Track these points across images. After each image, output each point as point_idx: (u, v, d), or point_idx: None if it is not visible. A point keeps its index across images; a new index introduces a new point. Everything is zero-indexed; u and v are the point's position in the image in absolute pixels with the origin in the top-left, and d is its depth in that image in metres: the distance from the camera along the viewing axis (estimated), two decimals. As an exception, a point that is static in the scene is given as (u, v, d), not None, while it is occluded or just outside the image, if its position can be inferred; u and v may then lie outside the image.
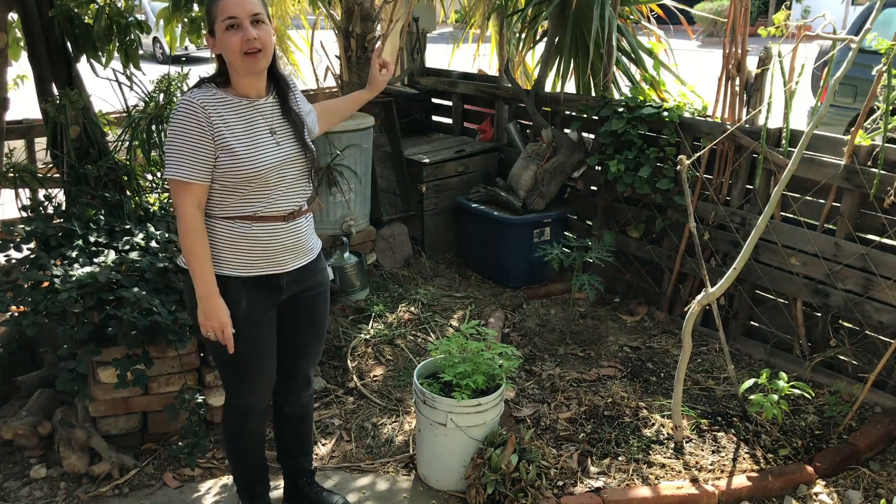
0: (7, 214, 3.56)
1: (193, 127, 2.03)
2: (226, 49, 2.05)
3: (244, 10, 2.03)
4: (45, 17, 3.38)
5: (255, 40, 2.02)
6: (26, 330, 2.73)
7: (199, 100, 2.05)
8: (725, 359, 3.13)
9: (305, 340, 2.44)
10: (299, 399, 2.54)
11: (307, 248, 2.29)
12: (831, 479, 2.80)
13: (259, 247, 2.16)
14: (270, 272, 2.20)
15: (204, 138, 2.04)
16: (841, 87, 5.98)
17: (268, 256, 2.18)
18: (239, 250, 2.15)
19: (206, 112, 2.04)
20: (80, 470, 2.79)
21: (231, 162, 2.06)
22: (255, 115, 2.14)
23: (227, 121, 2.07)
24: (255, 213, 2.13)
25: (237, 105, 2.11)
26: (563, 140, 4.39)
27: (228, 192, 2.11)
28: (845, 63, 2.69)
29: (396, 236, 4.72)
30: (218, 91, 2.10)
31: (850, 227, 3.24)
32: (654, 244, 4.11)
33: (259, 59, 2.06)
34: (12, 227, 3.04)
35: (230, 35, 2.03)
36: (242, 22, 2.02)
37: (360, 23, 4.66)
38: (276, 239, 2.18)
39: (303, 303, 2.35)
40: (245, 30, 2.02)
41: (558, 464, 2.84)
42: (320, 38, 5.16)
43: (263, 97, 2.17)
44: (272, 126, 2.16)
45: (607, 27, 4.11)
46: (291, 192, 2.20)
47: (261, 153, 2.10)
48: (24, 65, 3.80)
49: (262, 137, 2.13)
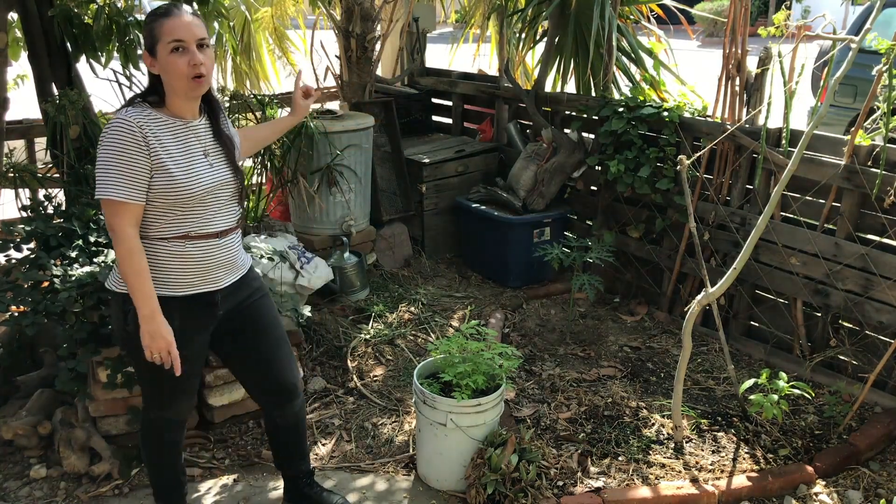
0: (7, 214, 3.56)
1: (130, 146, 1.99)
2: (170, 71, 2.03)
3: (191, 33, 2.02)
4: (45, 17, 3.38)
5: (201, 65, 2.02)
6: (26, 330, 2.73)
7: (135, 119, 2.01)
8: (725, 359, 3.13)
9: (267, 349, 2.40)
10: (289, 410, 2.50)
11: (238, 264, 2.29)
12: (831, 479, 2.80)
13: (194, 265, 2.15)
14: (206, 290, 2.19)
15: (141, 158, 2.00)
16: (841, 87, 5.98)
17: (203, 274, 2.17)
18: (174, 270, 2.13)
19: (143, 132, 2.01)
20: (80, 470, 2.79)
21: (166, 183, 2.04)
22: (190, 136, 2.13)
23: (163, 141, 2.05)
24: (188, 232, 2.12)
25: (172, 126, 2.10)
26: (563, 140, 4.39)
27: (162, 212, 2.09)
28: (845, 63, 2.69)
29: (396, 236, 4.72)
30: (153, 111, 2.08)
31: (850, 227, 3.24)
32: (654, 244, 4.11)
33: (203, 84, 2.07)
34: (12, 227, 3.04)
35: (176, 57, 2.01)
36: (189, 45, 2.01)
37: (360, 23, 4.66)
38: (210, 257, 2.17)
39: (245, 314, 2.34)
40: (192, 54, 2.02)
41: (558, 464, 2.84)
42: (320, 38, 5.16)
43: (197, 119, 2.17)
44: (206, 148, 2.16)
45: (607, 27, 4.11)
46: (223, 212, 2.20)
47: (196, 175, 2.09)
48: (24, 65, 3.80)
49: (197, 159, 2.12)
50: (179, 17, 2.03)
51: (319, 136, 4.12)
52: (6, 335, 3.25)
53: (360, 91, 4.81)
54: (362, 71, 4.79)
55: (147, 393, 2.35)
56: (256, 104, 4.12)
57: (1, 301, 2.80)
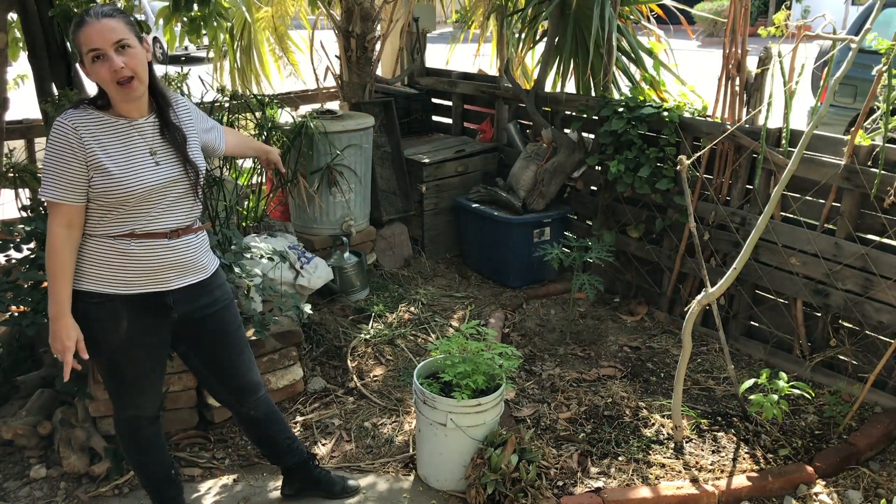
0: (7, 214, 3.56)
1: (64, 149, 2.01)
2: (97, 80, 2.03)
3: (105, 39, 1.98)
4: (45, 17, 3.38)
5: (123, 69, 1.99)
6: (26, 330, 2.74)
7: (72, 121, 2.02)
8: (725, 359, 3.13)
9: (227, 357, 2.39)
10: (258, 401, 2.50)
11: (196, 266, 2.24)
12: (831, 479, 2.80)
13: (139, 264, 2.13)
14: (153, 290, 2.17)
15: (75, 160, 2.01)
16: (841, 87, 5.98)
17: (148, 274, 2.15)
18: (119, 268, 2.12)
19: (78, 133, 2.01)
20: (80, 470, 2.79)
21: (106, 183, 2.03)
22: (134, 135, 2.11)
23: (102, 142, 2.04)
24: (132, 230, 2.11)
25: (114, 125, 2.08)
26: (563, 140, 4.39)
27: (105, 211, 2.08)
28: (845, 63, 2.68)
29: (396, 236, 4.72)
30: (95, 112, 2.07)
31: (850, 227, 3.24)
32: (654, 244, 4.11)
33: (134, 86, 2.03)
34: (12, 227, 3.04)
35: (98, 66, 1.99)
36: (106, 52, 1.98)
37: (360, 23, 4.67)
38: (158, 256, 2.15)
39: (204, 322, 2.31)
40: (110, 60, 1.98)
41: (558, 464, 2.84)
42: (320, 38, 5.16)
43: (145, 116, 2.14)
44: (152, 146, 2.13)
45: (607, 27, 4.11)
46: (174, 211, 2.17)
47: (136, 174, 2.07)
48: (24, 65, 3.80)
49: (140, 158, 2.10)
50: (91, 24, 1.98)
51: (319, 136, 4.12)
52: (6, 335, 3.25)
53: (360, 91, 4.81)
54: (362, 71, 4.79)
55: (111, 392, 2.35)
56: (256, 104, 4.12)
57: (1, 301, 2.80)
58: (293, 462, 2.64)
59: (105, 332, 2.15)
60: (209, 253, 2.33)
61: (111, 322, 2.14)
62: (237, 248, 3.31)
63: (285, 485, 2.72)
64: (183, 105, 2.28)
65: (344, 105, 4.97)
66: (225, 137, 2.49)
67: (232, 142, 2.57)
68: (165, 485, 2.49)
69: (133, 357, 2.21)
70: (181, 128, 2.21)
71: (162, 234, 2.14)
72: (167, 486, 2.50)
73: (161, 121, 2.16)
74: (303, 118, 4.17)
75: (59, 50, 3.47)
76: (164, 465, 2.48)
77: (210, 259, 2.33)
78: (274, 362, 3.20)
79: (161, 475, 2.48)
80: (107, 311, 2.13)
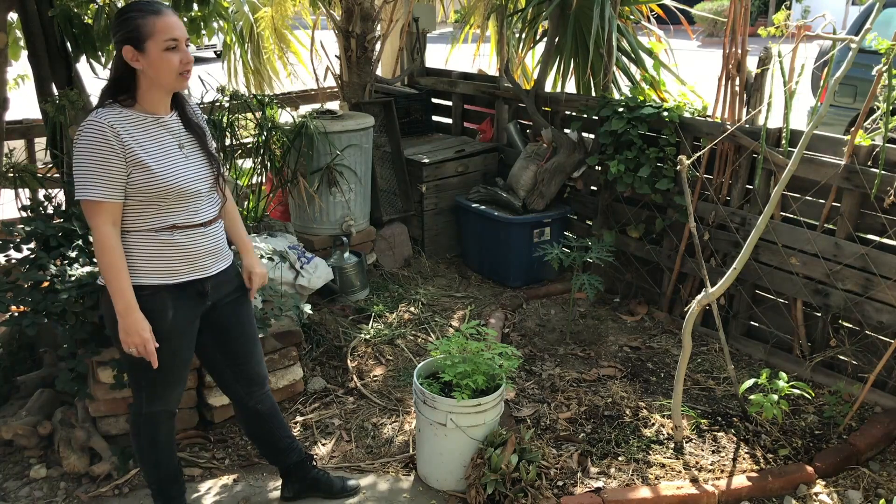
0: (7, 214, 3.56)
1: (104, 146, 2.03)
2: (161, 68, 2.07)
3: (183, 32, 2.10)
4: (45, 17, 3.38)
5: (191, 62, 2.12)
6: (26, 330, 2.74)
7: (107, 119, 2.05)
8: (725, 359, 3.13)
9: (244, 346, 2.45)
10: (263, 395, 2.55)
11: (224, 251, 2.35)
12: (831, 479, 2.80)
13: (183, 253, 2.19)
14: (196, 277, 2.24)
15: (115, 157, 2.04)
16: (841, 87, 5.98)
17: (192, 262, 2.22)
18: (164, 259, 2.17)
19: (115, 130, 2.04)
20: (80, 470, 2.79)
21: (146, 178, 2.08)
22: (162, 130, 2.17)
23: (137, 138, 2.09)
24: (175, 223, 2.17)
25: (144, 122, 2.13)
26: (563, 140, 4.39)
27: (146, 206, 2.12)
28: (845, 63, 2.68)
29: (396, 236, 4.72)
30: (124, 109, 2.11)
31: (850, 227, 3.24)
32: (654, 244, 4.11)
33: (188, 78, 2.15)
34: (12, 227, 3.04)
35: (171, 54, 2.07)
36: (181, 44, 2.09)
37: (360, 23, 4.67)
38: (199, 244, 2.22)
39: (228, 309, 2.39)
40: (184, 52, 2.10)
41: (558, 464, 2.84)
42: (320, 38, 5.16)
43: (168, 113, 2.21)
44: (179, 140, 2.20)
45: (607, 27, 4.11)
46: (206, 202, 2.25)
47: (173, 167, 2.14)
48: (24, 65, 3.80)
49: (172, 152, 2.16)
50: (171, 15, 2.08)
51: (319, 136, 4.12)
52: (6, 335, 3.25)
53: (360, 91, 4.81)
54: (362, 71, 4.79)
55: (137, 387, 2.35)
56: (256, 104, 4.12)
57: (1, 301, 2.80)
58: (292, 461, 2.65)
59: (153, 323, 2.17)
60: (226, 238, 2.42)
61: (160, 313, 2.18)
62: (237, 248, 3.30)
63: (284, 487, 2.72)
64: (194, 105, 2.36)
65: (344, 105, 4.97)
66: None
67: None
68: (171, 484, 2.50)
69: (174, 347, 2.25)
70: (200, 123, 2.30)
71: (200, 224, 2.22)
72: (172, 484, 2.51)
73: (182, 115, 2.24)
74: (303, 118, 4.17)
75: (59, 50, 3.47)
76: (174, 464, 2.51)
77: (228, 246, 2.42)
78: (274, 362, 3.20)
79: (170, 474, 2.50)
80: (154, 302, 2.17)
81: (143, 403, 2.36)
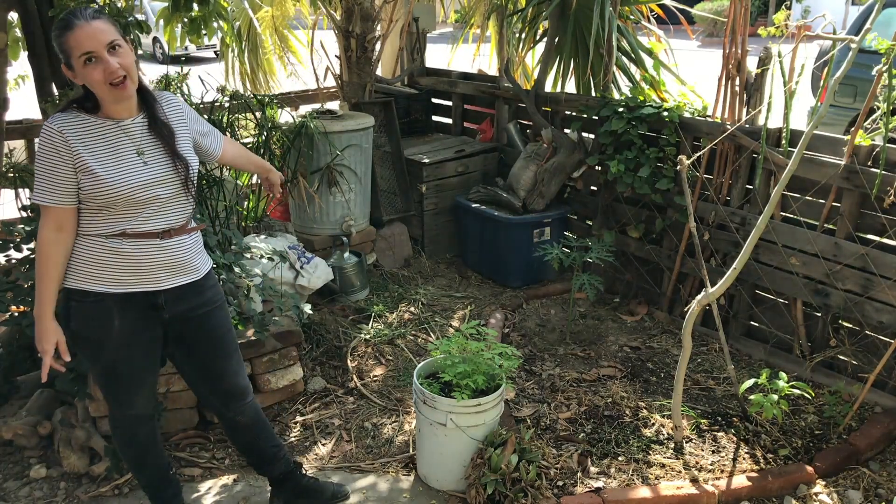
0: (7, 214, 3.56)
1: (52, 152, 2.02)
2: (89, 82, 2.02)
3: (98, 41, 1.97)
4: (45, 17, 3.38)
5: (118, 70, 1.99)
6: (26, 330, 2.73)
7: (58, 125, 2.02)
8: (725, 359, 3.13)
9: (214, 360, 2.38)
10: (245, 407, 2.47)
11: (188, 266, 2.23)
12: (831, 479, 2.80)
13: (130, 263, 2.13)
14: (143, 289, 2.16)
15: (62, 163, 2.02)
16: (841, 87, 5.98)
17: (139, 273, 2.14)
18: (110, 266, 2.12)
19: (64, 136, 2.01)
20: (80, 470, 2.79)
21: (93, 184, 2.03)
22: (121, 136, 2.10)
23: (88, 144, 2.04)
24: (123, 230, 2.10)
25: (101, 127, 2.08)
26: (563, 140, 4.39)
27: (95, 211, 2.09)
28: (845, 63, 2.68)
29: (396, 236, 4.71)
30: (83, 115, 2.07)
31: (850, 227, 3.24)
32: (654, 244, 4.11)
33: (127, 86, 2.04)
34: (12, 227, 3.04)
35: (91, 69, 1.98)
36: (100, 54, 1.98)
37: (360, 23, 4.67)
38: (149, 256, 2.14)
39: (194, 324, 2.30)
40: (105, 61, 1.98)
41: (558, 464, 2.84)
42: (320, 38, 5.16)
43: (133, 116, 2.13)
44: (140, 146, 2.12)
45: (607, 27, 4.11)
46: (165, 211, 2.16)
47: (124, 175, 2.06)
48: (24, 65, 3.80)
49: (127, 158, 2.09)
50: (82, 27, 1.97)
51: (319, 136, 4.12)
52: (6, 335, 3.25)
53: (360, 91, 4.81)
54: (362, 71, 4.79)
55: (104, 392, 2.35)
56: (256, 104, 4.12)
57: (1, 301, 2.80)
58: (280, 471, 2.60)
59: (98, 329, 2.15)
60: (202, 254, 2.32)
61: (104, 320, 2.14)
62: (237, 248, 3.31)
63: (274, 496, 2.66)
64: (173, 102, 2.26)
65: (344, 105, 4.97)
66: (223, 146, 2.45)
67: (231, 151, 2.51)
68: (163, 485, 2.49)
69: (126, 355, 2.21)
70: (168, 123, 2.18)
71: (154, 234, 2.14)
72: (165, 485, 2.49)
73: (149, 118, 2.15)
74: (303, 118, 4.17)
75: (59, 50, 3.47)
76: (161, 466, 2.48)
77: (203, 260, 2.31)
78: (274, 362, 3.20)
79: (158, 475, 2.47)
80: (99, 309, 2.14)
81: (113, 408, 2.36)
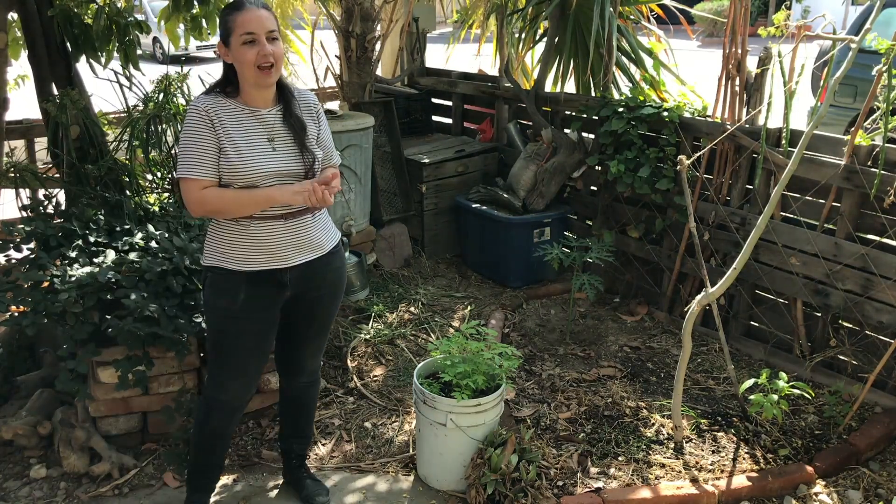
0: (7, 214, 3.56)
1: (199, 126, 2.16)
2: (240, 61, 2.16)
3: (262, 26, 2.15)
4: (45, 17, 3.38)
5: (269, 55, 2.15)
6: (26, 330, 2.73)
7: (203, 104, 2.19)
8: (725, 359, 3.13)
9: (305, 339, 2.53)
10: (304, 386, 2.64)
11: (313, 243, 2.35)
12: (831, 479, 2.80)
13: (258, 243, 2.25)
14: (271, 267, 2.27)
15: (209, 139, 2.16)
16: (841, 87, 5.98)
17: (267, 252, 2.26)
18: (239, 246, 2.25)
19: (209, 115, 2.17)
20: (80, 470, 2.79)
21: (226, 166, 2.18)
22: (255, 123, 2.24)
23: (226, 126, 2.19)
24: (252, 213, 2.22)
25: (237, 112, 2.22)
26: (563, 140, 4.39)
27: None
28: (845, 63, 2.69)
29: (396, 236, 4.72)
30: (223, 99, 2.22)
31: (850, 227, 3.24)
32: (654, 244, 4.11)
33: (271, 73, 2.19)
34: (12, 227, 3.04)
35: (246, 49, 2.14)
36: (259, 38, 2.14)
37: (360, 23, 4.66)
38: (275, 236, 2.26)
39: (311, 304, 2.44)
40: (262, 45, 2.14)
41: (558, 464, 2.84)
42: (320, 38, 5.16)
43: (269, 107, 2.27)
44: (271, 134, 2.25)
45: (607, 27, 4.11)
46: None
47: (253, 160, 2.19)
48: (24, 65, 3.79)
49: (259, 144, 2.22)
50: (251, 9, 2.15)
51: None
52: (6, 335, 3.25)
53: (360, 91, 4.81)
54: (362, 71, 4.79)
55: (210, 367, 2.45)
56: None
57: (1, 301, 2.80)
58: (293, 452, 2.73)
59: (225, 298, 2.27)
60: (327, 230, 2.42)
61: (231, 293, 2.26)
62: None
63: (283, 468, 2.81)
64: (310, 103, 2.39)
65: (344, 105, 4.96)
66: None
67: None
68: (211, 471, 2.57)
69: (241, 332, 2.31)
70: (301, 118, 2.32)
71: (278, 216, 2.25)
72: (212, 472, 2.57)
73: (285, 110, 2.28)
74: None
75: (59, 50, 3.47)
76: (220, 459, 2.57)
77: (328, 236, 2.42)
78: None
79: (215, 463, 2.56)
80: (228, 282, 2.26)
81: (209, 387, 2.45)
